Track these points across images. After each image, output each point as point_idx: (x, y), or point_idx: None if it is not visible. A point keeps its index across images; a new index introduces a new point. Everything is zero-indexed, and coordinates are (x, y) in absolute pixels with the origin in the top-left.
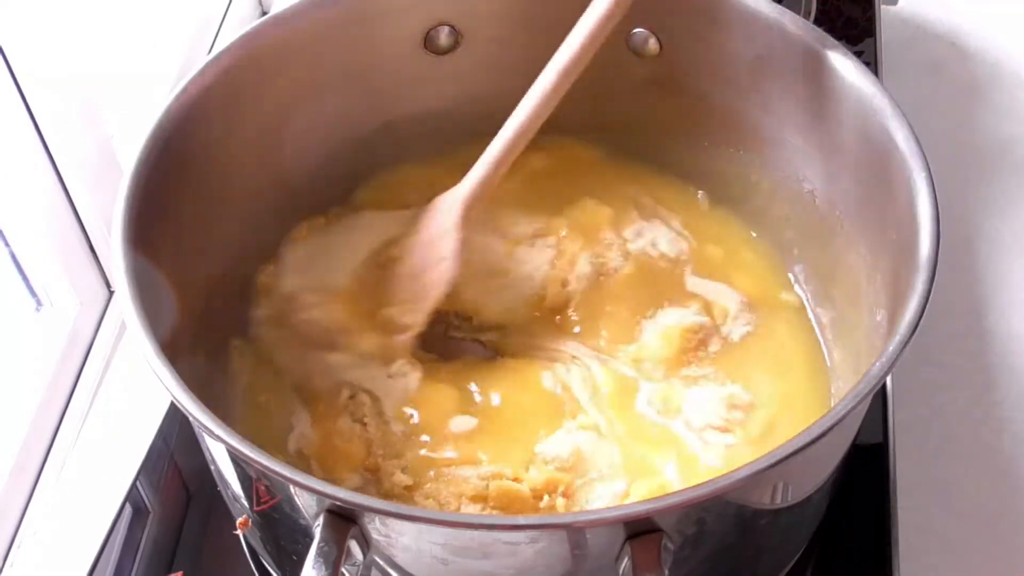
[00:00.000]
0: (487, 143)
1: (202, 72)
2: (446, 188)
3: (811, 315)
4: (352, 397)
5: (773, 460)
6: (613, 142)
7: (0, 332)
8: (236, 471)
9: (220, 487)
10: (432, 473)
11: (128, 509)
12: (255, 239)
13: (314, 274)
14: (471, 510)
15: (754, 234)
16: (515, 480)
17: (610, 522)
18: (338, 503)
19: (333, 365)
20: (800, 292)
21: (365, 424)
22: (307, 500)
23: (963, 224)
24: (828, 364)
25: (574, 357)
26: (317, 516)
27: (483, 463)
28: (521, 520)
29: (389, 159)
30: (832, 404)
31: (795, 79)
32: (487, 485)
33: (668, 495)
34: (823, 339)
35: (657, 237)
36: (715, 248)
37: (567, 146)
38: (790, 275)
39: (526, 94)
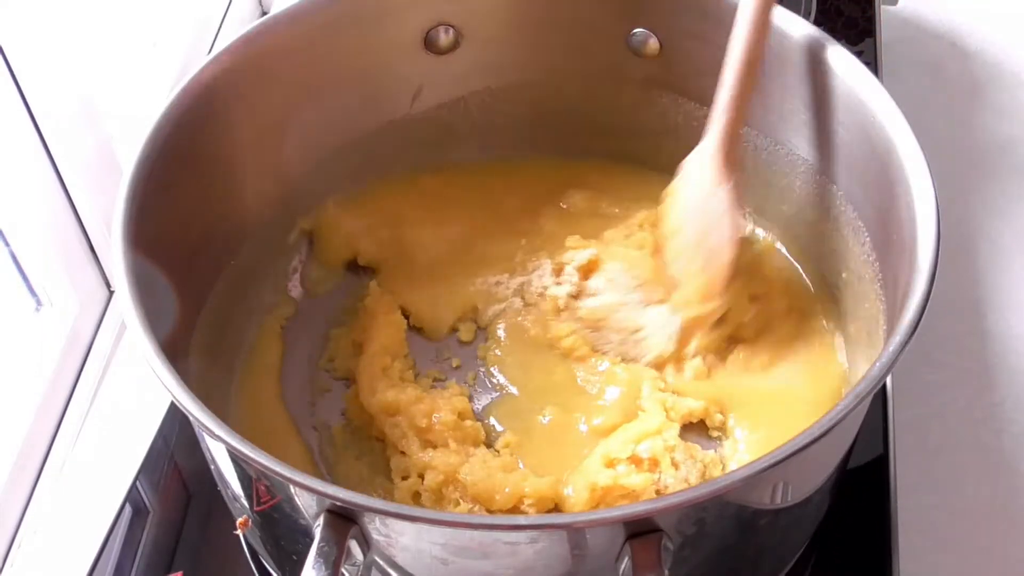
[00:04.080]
0: (487, 140)
1: (202, 72)
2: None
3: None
4: None
5: (773, 460)
6: (612, 142)
7: (0, 332)
8: (236, 471)
9: (220, 487)
10: None
11: (128, 509)
12: (255, 239)
13: None
14: None
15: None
16: None
17: (610, 522)
18: (338, 503)
19: None
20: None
21: None
22: (307, 500)
23: (963, 224)
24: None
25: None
26: (317, 516)
27: None
28: (521, 520)
29: (390, 160)
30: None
31: (795, 79)
32: None
33: (668, 495)
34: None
35: None
36: None
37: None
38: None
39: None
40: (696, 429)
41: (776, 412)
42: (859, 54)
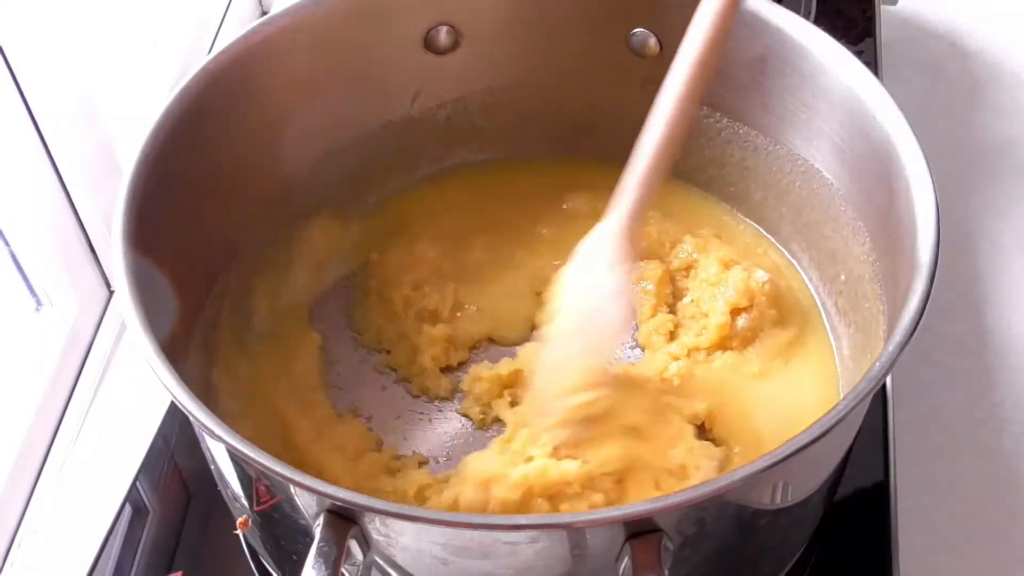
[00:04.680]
0: (486, 140)
1: (202, 72)
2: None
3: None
4: None
5: (773, 460)
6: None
7: (0, 332)
8: (236, 471)
9: (220, 487)
10: None
11: (128, 509)
12: (255, 238)
13: None
14: None
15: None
16: None
17: (610, 522)
18: (338, 503)
19: None
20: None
21: None
22: (307, 500)
23: (963, 224)
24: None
25: None
26: (317, 516)
27: None
28: (521, 520)
29: (390, 163)
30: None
31: (795, 79)
32: None
33: (668, 495)
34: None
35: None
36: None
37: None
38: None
39: (656, 107)
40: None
41: (764, 422)
42: (859, 54)
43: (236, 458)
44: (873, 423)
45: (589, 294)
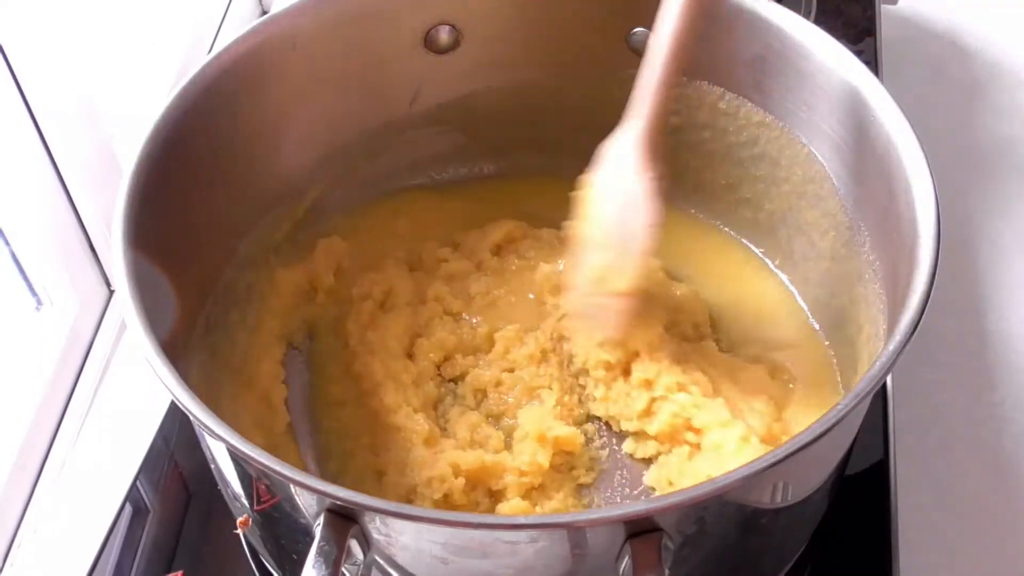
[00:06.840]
0: (486, 140)
1: (202, 72)
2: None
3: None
4: None
5: (773, 460)
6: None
7: (0, 332)
8: (236, 470)
9: (220, 486)
10: None
11: (128, 509)
12: (254, 238)
13: None
14: None
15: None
16: None
17: (610, 521)
18: (338, 502)
19: None
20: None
21: None
22: (307, 499)
23: (963, 224)
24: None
25: None
26: (317, 515)
27: None
28: (521, 520)
29: (390, 163)
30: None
31: (795, 79)
32: None
33: (668, 495)
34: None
35: None
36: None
37: None
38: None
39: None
40: None
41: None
42: (859, 54)
43: (236, 457)
44: (873, 423)
45: (617, 200)
